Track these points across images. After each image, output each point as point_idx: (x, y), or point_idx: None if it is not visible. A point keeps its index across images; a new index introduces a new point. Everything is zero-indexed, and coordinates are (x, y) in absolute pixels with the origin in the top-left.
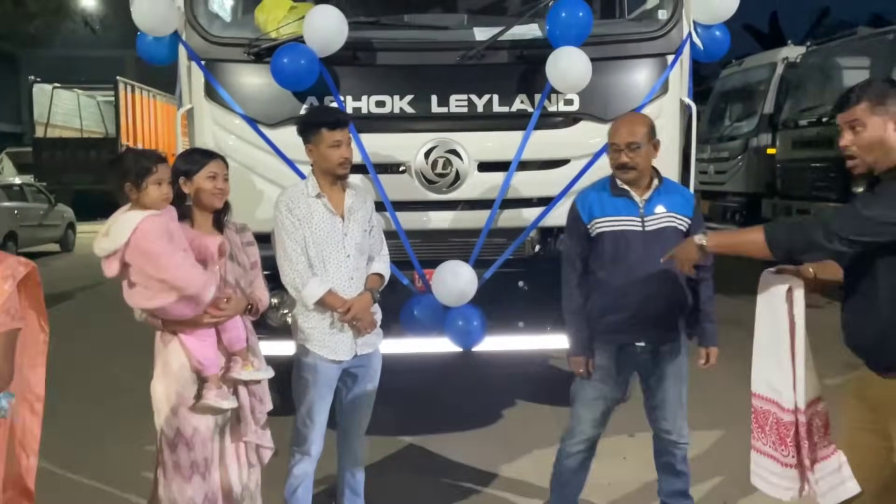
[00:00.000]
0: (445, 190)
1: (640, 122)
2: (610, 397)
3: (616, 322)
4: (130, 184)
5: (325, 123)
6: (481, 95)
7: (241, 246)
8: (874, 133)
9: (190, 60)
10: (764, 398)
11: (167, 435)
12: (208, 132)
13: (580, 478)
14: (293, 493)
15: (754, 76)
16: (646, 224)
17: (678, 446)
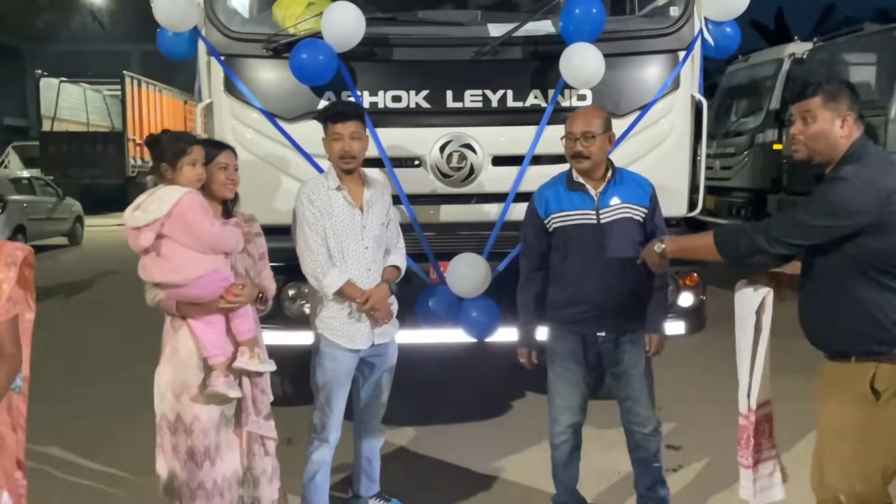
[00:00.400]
0: (460, 184)
1: (596, 114)
2: (582, 385)
3: (575, 314)
4: (166, 164)
5: (328, 116)
6: (495, 91)
7: (250, 236)
8: (822, 126)
9: (209, 56)
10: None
11: (168, 419)
12: (227, 126)
13: (573, 467)
14: (311, 479)
15: (760, 72)
16: (601, 216)
17: (649, 440)
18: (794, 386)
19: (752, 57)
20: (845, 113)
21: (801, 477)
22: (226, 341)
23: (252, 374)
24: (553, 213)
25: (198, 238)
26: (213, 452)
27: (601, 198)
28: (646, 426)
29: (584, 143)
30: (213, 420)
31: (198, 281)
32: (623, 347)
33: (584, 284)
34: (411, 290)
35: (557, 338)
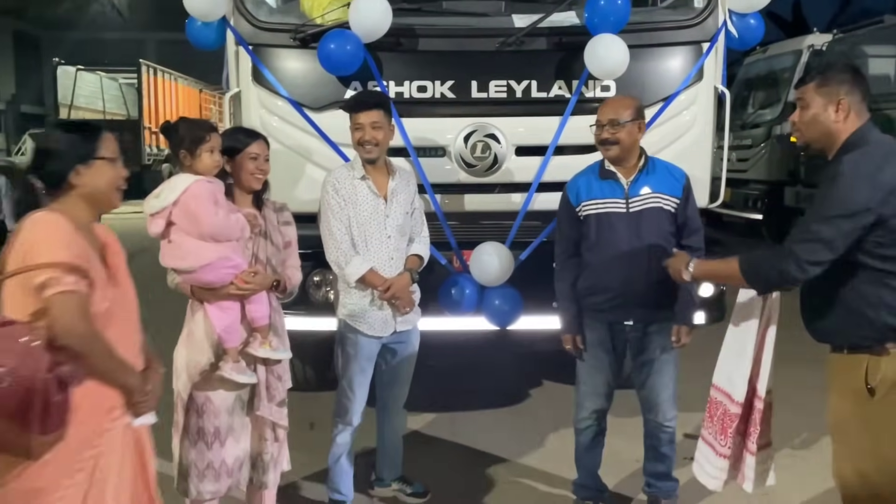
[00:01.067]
0: (484, 173)
1: (625, 102)
2: (608, 372)
3: (601, 302)
4: (185, 151)
5: (350, 106)
6: (520, 81)
7: (276, 225)
8: (814, 112)
9: (238, 45)
10: (720, 389)
11: (182, 398)
12: (255, 115)
13: (596, 452)
14: (336, 461)
15: (779, 63)
16: (630, 205)
17: (663, 430)
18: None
19: (770, 48)
20: (839, 98)
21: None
22: (239, 327)
23: (268, 361)
24: (584, 200)
25: (199, 227)
26: (224, 434)
27: (631, 187)
28: (662, 415)
29: (610, 130)
30: (225, 402)
31: (206, 267)
32: (651, 337)
33: (610, 273)
34: (435, 278)
35: (585, 325)
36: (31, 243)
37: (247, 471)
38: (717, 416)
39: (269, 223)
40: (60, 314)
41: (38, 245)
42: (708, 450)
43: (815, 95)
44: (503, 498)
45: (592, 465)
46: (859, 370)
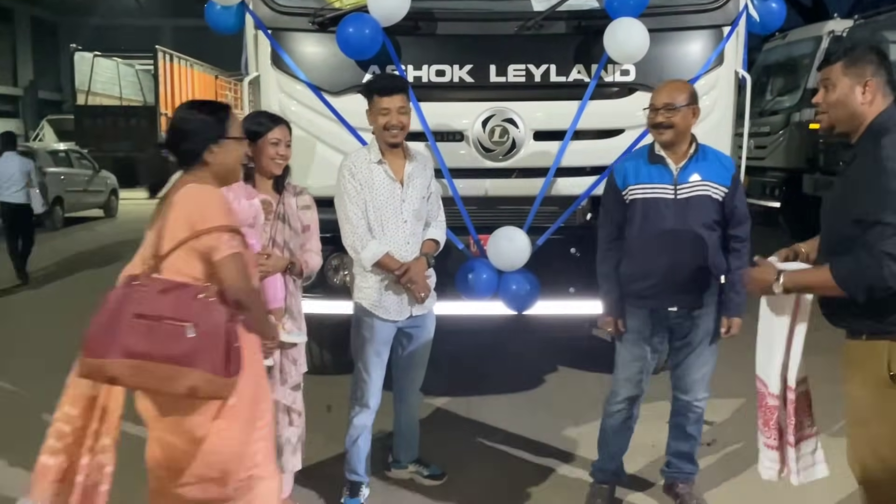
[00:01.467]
0: (501, 158)
1: (680, 87)
2: (646, 359)
3: (644, 288)
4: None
5: (376, 90)
6: (539, 65)
7: (295, 209)
8: (841, 93)
9: (256, 29)
10: (761, 381)
11: None
12: (274, 99)
13: (623, 437)
14: (354, 443)
15: (798, 50)
16: (678, 192)
17: (692, 409)
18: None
19: (789, 34)
20: (867, 79)
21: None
22: None
23: (283, 344)
24: (631, 184)
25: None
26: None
27: (681, 173)
28: (693, 394)
29: (665, 113)
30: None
31: None
32: (694, 322)
33: (653, 258)
34: (452, 262)
35: (628, 312)
36: (198, 212)
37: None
38: (763, 408)
39: (287, 207)
40: (231, 273)
41: (204, 213)
42: (761, 439)
43: (841, 76)
44: (519, 480)
45: (617, 450)
46: (880, 358)
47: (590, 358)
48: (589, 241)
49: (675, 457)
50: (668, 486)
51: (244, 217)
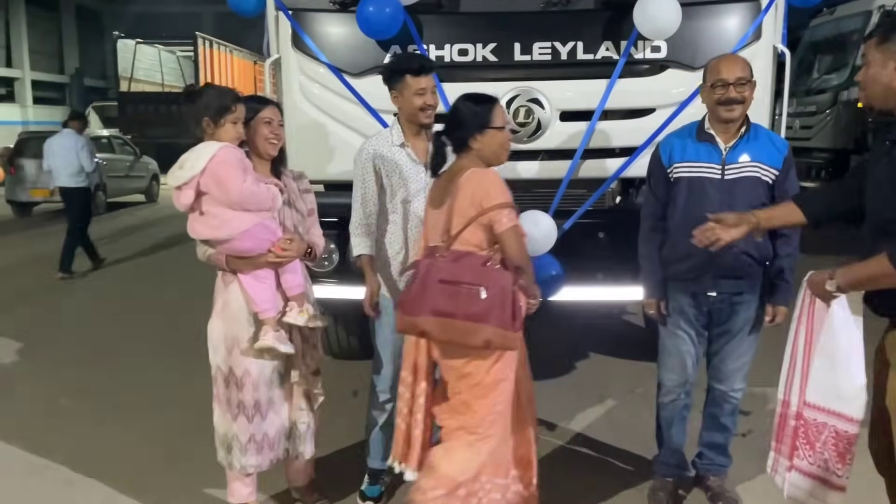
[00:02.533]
0: (526, 139)
1: (742, 59)
2: (691, 344)
3: (686, 270)
4: (209, 119)
5: (410, 70)
6: (565, 43)
7: (298, 193)
8: (874, 70)
9: (277, 11)
10: (822, 409)
11: (222, 371)
12: (295, 81)
13: (680, 428)
14: (373, 430)
15: (846, 25)
16: (726, 172)
17: (728, 399)
18: None
19: (837, 10)
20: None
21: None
22: (276, 296)
23: (303, 330)
24: (677, 162)
25: (227, 194)
26: (265, 406)
27: (730, 153)
28: (730, 384)
29: (738, 88)
30: (263, 374)
31: (245, 234)
32: (735, 308)
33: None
34: None
35: (669, 295)
36: (484, 191)
37: (284, 443)
38: (824, 442)
39: (290, 191)
40: (512, 243)
41: (489, 192)
42: (813, 484)
43: (874, 52)
44: (548, 465)
45: (677, 442)
46: None
47: (619, 344)
48: (618, 226)
49: (707, 448)
50: (700, 478)
51: (261, 200)
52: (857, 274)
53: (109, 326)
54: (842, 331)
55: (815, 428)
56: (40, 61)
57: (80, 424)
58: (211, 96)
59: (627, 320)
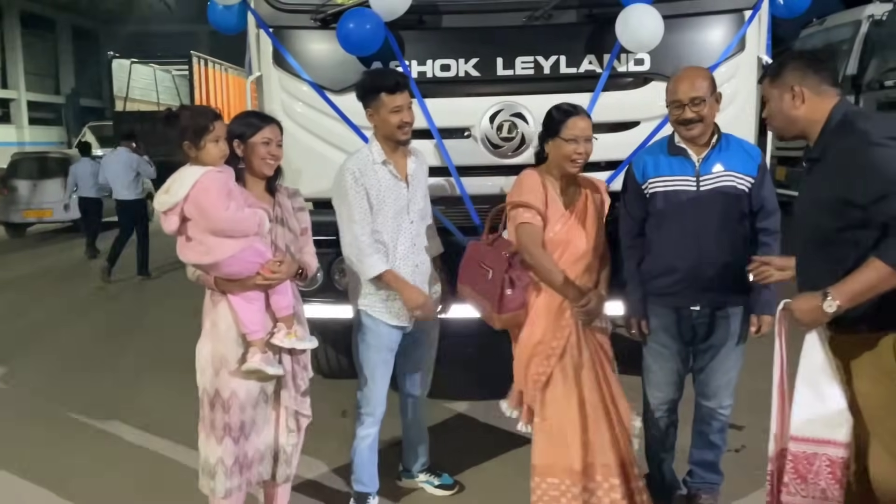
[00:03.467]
0: (510, 154)
1: (702, 75)
2: (677, 360)
3: (668, 284)
4: (189, 142)
5: (384, 87)
6: (548, 57)
7: (292, 211)
8: (773, 106)
9: (258, 28)
10: (810, 440)
11: (208, 393)
12: (276, 99)
13: (668, 444)
14: (359, 454)
15: (837, 35)
16: (701, 184)
17: (716, 417)
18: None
19: (827, 20)
20: (793, 85)
21: None
22: (265, 317)
23: (293, 350)
24: (650, 177)
25: (209, 222)
26: (249, 427)
27: (703, 164)
28: (718, 401)
29: (693, 108)
30: (251, 396)
31: (232, 259)
32: (719, 323)
33: (677, 254)
34: (459, 263)
35: (650, 311)
36: (513, 191)
37: (268, 465)
38: (815, 472)
39: (284, 210)
40: (520, 238)
41: (514, 191)
42: None
43: (769, 89)
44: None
45: (665, 461)
46: (886, 350)
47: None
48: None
49: (698, 466)
50: (692, 496)
51: (246, 226)
52: (854, 287)
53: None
54: (815, 355)
55: (805, 460)
56: (36, 82)
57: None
58: (187, 118)
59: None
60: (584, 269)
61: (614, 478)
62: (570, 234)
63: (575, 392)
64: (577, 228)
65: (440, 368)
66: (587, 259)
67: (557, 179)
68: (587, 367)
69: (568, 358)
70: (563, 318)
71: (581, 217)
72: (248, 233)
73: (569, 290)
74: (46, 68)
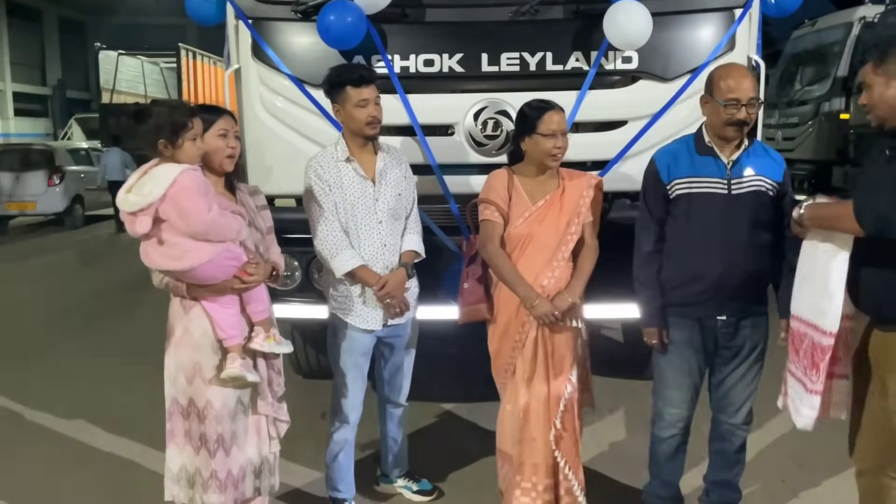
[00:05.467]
0: (495, 153)
1: (751, 75)
2: (696, 375)
3: (691, 294)
4: (165, 140)
5: (349, 81)
6: (534, 53)
7: (255, 210)
8: (877, 93)
9: (237, 19)
10: (803, 321)
11: (180, 404)
12: (255, 93)
13: (678, 461)
14: (334, 459)
15: (828, 37)
16: (732, 187)
17: (736, 433)
18: None
19: (819, 21)
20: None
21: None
22: (241, 322)
23: (268, 356)
24: (677, 178)
25: (190, 225)
26: (228, 441)
27: (734, 167)
28: (739, 417)
29: (749, 110)
30: (227, 406)
31: (208, 264)
32: (743, 332)
33: (704, 261)
34: (441, 264)
35: (670, 323)
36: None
37: (251, 480)
38: (805, 350)
39: (248, 209)
40: (481, 234)
41: (482, 190)
42: (798, 386)
43: (872, 76)
44: None
45: (674, 476)
46: None
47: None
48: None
49: (716, 486)
50: None
51: (225, 231)
52: (821, 211)
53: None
54: (821, 257)
55: (798, 337)
56: (22, 73)
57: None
58: (162, 115)
59: (608, 336)
60: (544, 264)
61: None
62: (530, 228)
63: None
64: (539, 223)
65: (420, 369)
66: (547, 254)
67: (531, 177)
68: (540, 366)
69: (528, 352)
70: (525, 313)
71: (549, 212)
72: (227, 238)
73: (519, 288)
74: (33, 59)
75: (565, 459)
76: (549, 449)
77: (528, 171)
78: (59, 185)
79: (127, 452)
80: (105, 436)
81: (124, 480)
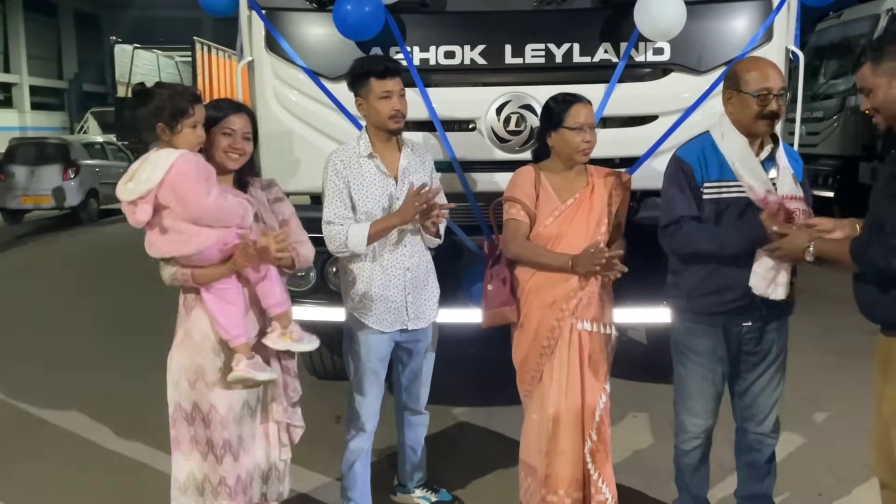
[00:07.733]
0: (518, 149)
1: (778, 66)
2: (720, 384)
3: (719, 303)
4: (164, 124)
5: (373, 72)
6: (560, 45)
7: (267, 204)
8: (881, 95)
9: (250, 10)
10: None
11: (184, 409)
12: (268, 86)
13: (702, 473)
14: (350, 469)
15: (854, 29)
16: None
17: (765, 442)
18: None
19: (844, 13)
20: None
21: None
22: (245, 320)
23: (282, 355)
24: (709, 180)
25: (189, 210)
26: (236, 446)
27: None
28: (767, 425)
29: (780, 101)
30: (233, 411)
31: (214, 245)
32: (768, 336)
33: (736, 268)
34: (462, 265)
35: (693, 331)
36: (507, 187)
37: (258, 485)
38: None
39: (259, 204)
40: (504, 233)
41: (507, 188)
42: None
43: (872, 77)
44: None
45: (701, 489)
46: None
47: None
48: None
49: (749, 501)
50: None
51: (228, 216)
52: (826, 247)
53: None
54: None
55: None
56: (38, 66)
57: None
58: (164, 98)
59: (631, 338)
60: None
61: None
62: (561, 228)
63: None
64: (570, 223)
65: (437, 371)
66: None
67: (558, 173)
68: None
69: (556, 358)
70: (554, 317)
71: (580, 211)
72: (230, 224)
73: (555, 261)
74: (49, 52)
75: (599, 472)
76: (579, 462)
77: (555, 167)
78: (74, 178)
79: (138, 455)
80: (116, 438)
81: (133, 483)
